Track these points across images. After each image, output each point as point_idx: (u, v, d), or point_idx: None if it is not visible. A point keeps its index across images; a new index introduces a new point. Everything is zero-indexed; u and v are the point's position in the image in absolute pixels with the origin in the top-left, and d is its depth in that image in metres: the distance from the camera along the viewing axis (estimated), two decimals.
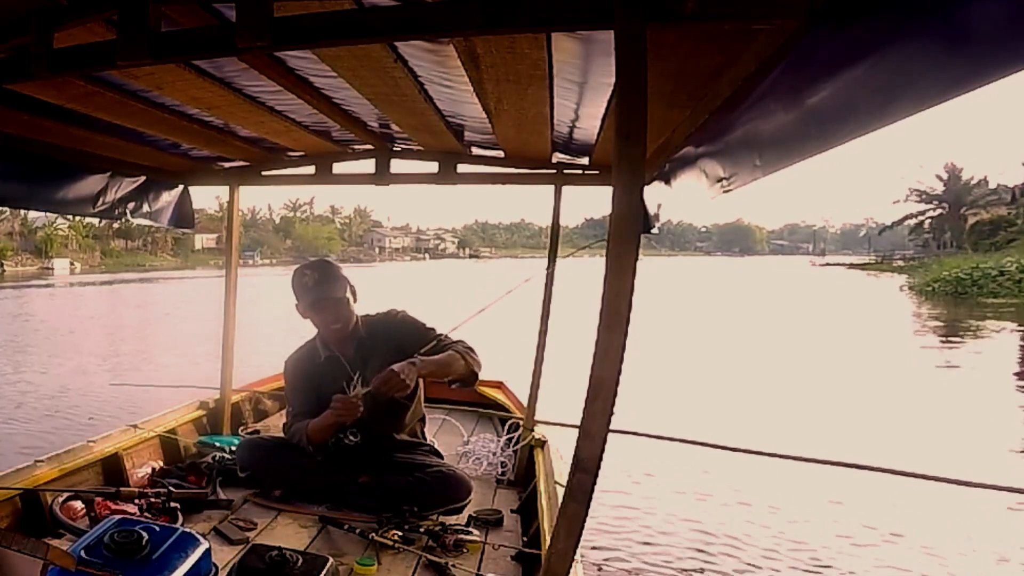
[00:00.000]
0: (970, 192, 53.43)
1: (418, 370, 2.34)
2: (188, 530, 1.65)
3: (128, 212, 2.86)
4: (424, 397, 2.73)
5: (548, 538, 1.82)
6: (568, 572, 1.18)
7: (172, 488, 2.31)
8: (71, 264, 47.83)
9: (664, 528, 4.15)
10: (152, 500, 2.24)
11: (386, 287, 25.30)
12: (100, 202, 2.67)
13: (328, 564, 1.78)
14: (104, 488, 2.32)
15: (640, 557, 3.75)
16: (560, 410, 2.91)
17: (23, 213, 47.46)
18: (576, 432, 1.13)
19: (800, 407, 7.48)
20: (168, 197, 3.13)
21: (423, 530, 2.17)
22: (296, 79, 1.95)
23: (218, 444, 2.94)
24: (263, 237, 73.40)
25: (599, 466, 1.13)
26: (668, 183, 2.06)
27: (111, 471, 2.59)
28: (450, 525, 2.22)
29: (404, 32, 1.29)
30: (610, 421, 1.11)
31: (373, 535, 2.09)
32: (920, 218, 57.13)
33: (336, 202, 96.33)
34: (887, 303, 23.71)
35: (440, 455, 2.68)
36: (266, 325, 11.42)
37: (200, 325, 13.17)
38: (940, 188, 55.22)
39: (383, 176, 2.96)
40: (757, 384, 8.75)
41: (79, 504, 2.23)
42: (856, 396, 8.23)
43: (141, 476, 2.65)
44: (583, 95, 1.94)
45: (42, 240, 49.43)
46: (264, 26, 1.23)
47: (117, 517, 1.67)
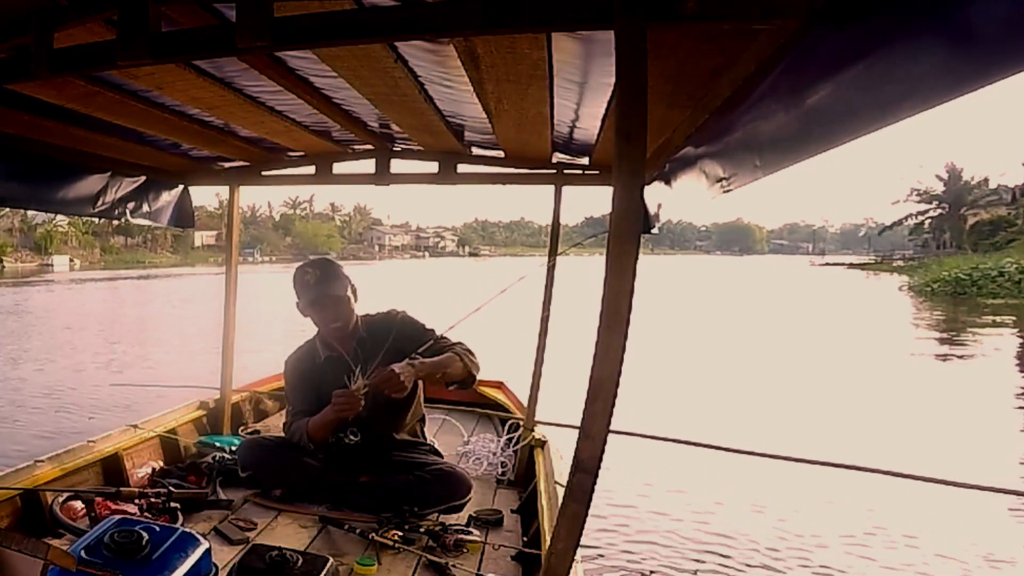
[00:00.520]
0: (970, 192, 53.43)
1: (416, 371, 2.35)
2: (188, 530, 1.66)
3: (128, 212, 2.86)
4: (424, 397, 2.73)
5: (548, 538, 1.82)
6: (568, 572, 1.18)
7: (172, 488, 2.31)
8: (71, 261, 47.85)
9: (662, 527, 4.15)
10: (152, 500, 2.24)
11: (386, 285, 25.31)
12: (100, 202, 2.67)
13: (328, 564, 1.78)
14: (104, 488, 2.32)
15: (640, 558, 3.76)
16: (560, 410, 2.91)
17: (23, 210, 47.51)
18: (576, 432, 1.13)
19: (800, 407, 7.48)
20: (168, 197, 3.13)
21: (423, 530, 2.17)
22: (296, 79, 1.95)
23: (218, 444, 2.94)
24: (263, 234, 73.46)
25: (599, 466, 1.13)
26: (668, 183, 2.06)
27: (111, 471, 2.59)
28: (450, 525, 2.22)
29: (404, 32, 1.29)
30: (610, 421, 1.11)
31: (373, 535, 2.09)
32: (920, 218, 57.14)
33: (336, 200, 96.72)
34: (886, 303, 23.71)
35: (440, 455, 2.68)
36: (266, 325, 11.41)
37: (199, 324, 13.17)
38: (940, 188, 55.23)
39: (383, 176, 2.96)
40: (757, 384, 8.75)
41: (79, 504, 2.23)
42: (856, 396, 8.23)
43: (141, 476, 2.65)
44: (583, 95, 1.94)
45: (42, 237, 49.44)
46: (264, 26, 1.23)
47: (117, 517, 1.67)
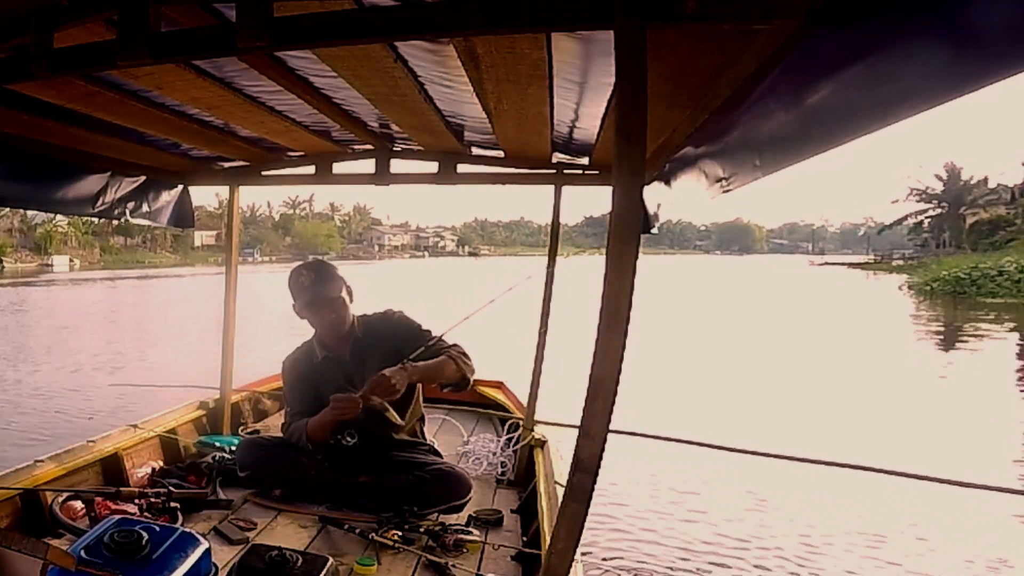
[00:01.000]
0: (969, 192, 53.37)
1: (408, 375, 2.36)
2: (188, 530, 1.65)
3: (128, 212, 2.86)
4: (423, 397, 2.73)
5: (548, 538, 1.81)
6: (568, 572, 1.18)
7: (172, 488, 2.31)
8: (71, 261, 47.83)
9: (659, 527, 4.15)
10: (152, 500, 2.24)
11: (386, 285, 25.30)
12: (100, 202, 2.66)
13: (328, 564, 1.78)
14: (104, 488, 2.32)
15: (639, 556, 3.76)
16: (560, 410, 2.91)
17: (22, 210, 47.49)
18: (576, 432, 1.13)
19: (800, 407, 7.48)
20: (168, 197, 3.13)
21: (423, 530, 2.17)
22: (296, 79, 1.95)
23: (218, 444, 2.94)
24: (262, 234, 73.45)
25: (599, 466, 1.13)
26: (668, 183, 2.06)
27: (111, 471, 2.58)
28: (450, 525, 2.22)
29: (404, 32, 1.29)
30: (610, 421, 1.11)
31: (373, 535, 2.09)
32: (919, 218, 57.10)
33: (336, 200, 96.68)
34: (886, 302, 23.71)
35: (440, 454, 2.68)
36: (266, 324, 11.39)
37: (199, 324, 13.16)
38: (939, 188, 55.19)
39: (383, 176, 2.95)
40: (757, 384, 8.75)
41: (79, 504, 2.23)
42: (856, 396, 8.22)
43: (141, 476, 2.65)
44: (583, 95, 1.93)
45: (42, 237, 49.42)
46: (264, 26, 1.23)
47: (117, 517, 1.67)
